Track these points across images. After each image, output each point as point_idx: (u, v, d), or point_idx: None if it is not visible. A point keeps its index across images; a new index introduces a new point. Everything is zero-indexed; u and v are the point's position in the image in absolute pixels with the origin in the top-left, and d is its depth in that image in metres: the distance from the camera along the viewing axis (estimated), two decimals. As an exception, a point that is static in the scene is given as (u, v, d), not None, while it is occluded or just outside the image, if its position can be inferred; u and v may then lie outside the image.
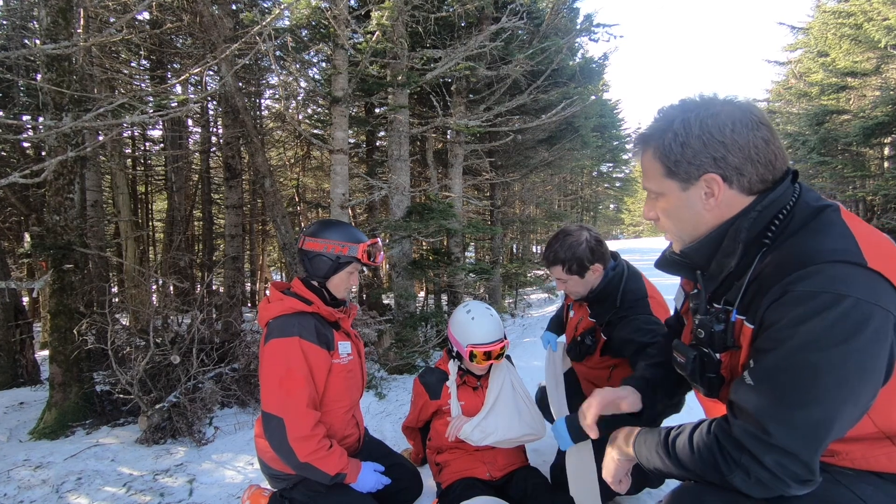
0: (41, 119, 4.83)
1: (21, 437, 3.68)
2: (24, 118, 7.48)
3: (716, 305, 1.03)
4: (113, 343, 3.49)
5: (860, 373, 0.81)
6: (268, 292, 2.19)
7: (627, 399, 1.30)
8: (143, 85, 9.01)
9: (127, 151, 9.89)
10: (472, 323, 1.99)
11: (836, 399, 0.81)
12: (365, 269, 1.87)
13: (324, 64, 6.98)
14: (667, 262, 1.16)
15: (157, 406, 3.37)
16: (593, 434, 1.30)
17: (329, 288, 1.89)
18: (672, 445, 1.01)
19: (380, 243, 1.96)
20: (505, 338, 2.04)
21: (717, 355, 1.01)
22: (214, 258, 10.74)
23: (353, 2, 5.44)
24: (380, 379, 4.28)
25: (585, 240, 1.92)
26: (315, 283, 1.90)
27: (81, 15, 4.06)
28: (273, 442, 1.67)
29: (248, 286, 13.68)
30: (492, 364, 2.04)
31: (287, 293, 1.87)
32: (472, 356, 1.95)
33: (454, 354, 2.10)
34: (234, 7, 6.45)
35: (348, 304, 2.00)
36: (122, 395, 3.49)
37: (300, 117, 9.55)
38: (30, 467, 3.01)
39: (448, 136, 6.44)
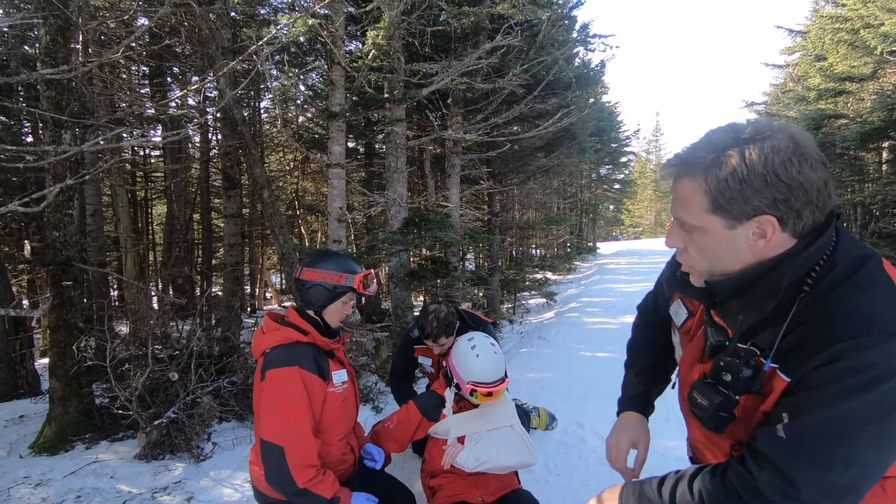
0: (40, 130, 4.86)
1: (21, 452, 3.71)
2: (24, 122, 7.51)
3: (740, 345, 0.97)
4: (112, 360, 3.52)
5: None
6: (262, 322, 2.22)
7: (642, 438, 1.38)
8: (142, 91, 9.05)
9: (126, 155, 9.92)
10: (477, 360, 2.03)
11: (871, 467, 0.83)
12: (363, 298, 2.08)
13: (320, 76, 7.02)
14: (679, 284, 1.07)
15: (156, 422, 3.40)
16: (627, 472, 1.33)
17: (324, 317, 1.93)
18: (671, 496, 0.99)
19: (373, 274, 2.00)
20: (506, 376, 2.08)
21: (737, 397, 0.96)
22: (214, 263, 10.77)
23: (351, 8, 5.47)
24: (377, 391, 4.31)
25: (448, 310, 2.61)
26: (310, 313, 1.93)
27: (80, 33, 4.08)
28: (270, 470, 1.70)
29: (247, 289, 13.71)
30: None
31: (282, 323, 1.91)
32: (472, 393, 1.99)
33: (453, 384, 2.14)
34: (232, 14, 6.48)
35: (341, 332, 2.04)
36: (120, 411, 3.52)
37: (300, 120, 9.59)
38: (30, 485, 3.05)
39: (446, 146, 6.47)
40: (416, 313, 6.71)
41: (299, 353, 1.80)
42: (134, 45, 6.29)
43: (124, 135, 4.63)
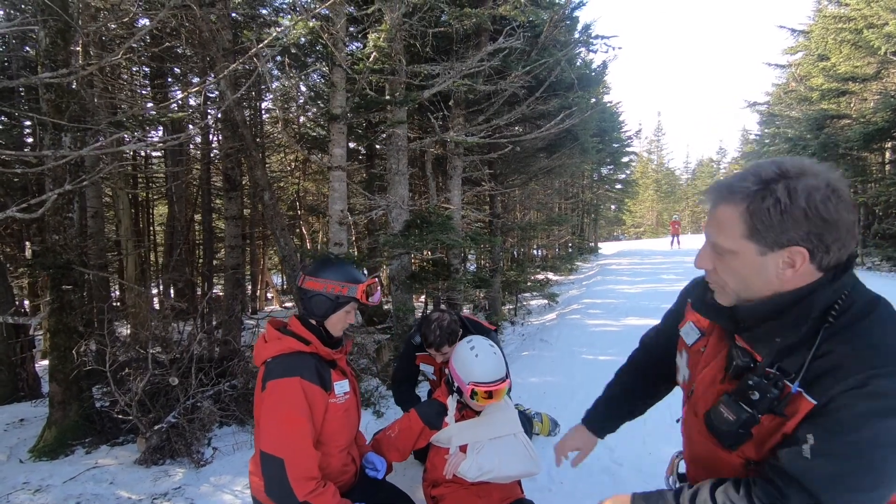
0: (40, 133, 4.85)
1: (21, 456, 3.69)
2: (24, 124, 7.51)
3: (769, 370, 1.03)
4: (112, 364, 3.50)
5: None
6: (263, 330, 2.21)
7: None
8: (143, 92, 9.04)
9: (128, 156, 9.91)
10: (476, 361, 2.01)
11: (891, 487, 0.90)
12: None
13: (321, 77, 6.98)
14: (708, 308, 1.15)
15: (156, 427, 3.39)
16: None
17: (326, 326, 1.91)
18: None
19: (377, 282, 1.98)
20: (507, 377, 2.06)
21: (760, 416, 1.02)
22: (215, 264, 10.75)
23: (351, 9, 5.45)
24: (378, 396, 4.28)
25: (450, 318, 2.58)
26: (313, 322, 1.91)
27: (79, 36, 4.07)
28: (270, 482, 1.68)
29: (248, 289, 13.69)
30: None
31: (284, 332, 1.89)
32: (473, 394, 1.97)
33: (454, 389, 2.12)
34: (234, 15, 6.46)
35: (344, 341, 2.02)
36: (120, 416, 3.50)
37: (300, 121, 9.57)
38: (29, 491, 3.03)
39: (447, 148, 6.45)
40: (419, 315, 6.71)
41: (301, 364, 1.77)
42: (135, 46, 6.28)
43: (125, 136, 4.63)
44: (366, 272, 9.12)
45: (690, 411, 1.21)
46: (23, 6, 5.43)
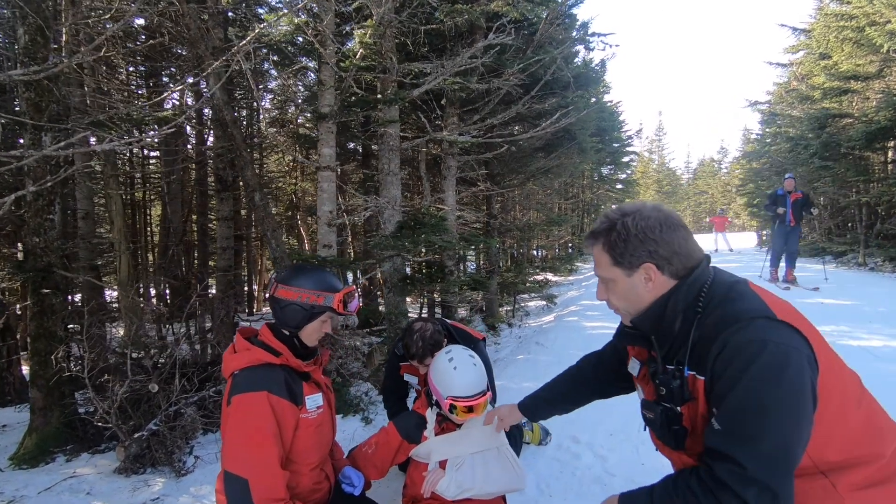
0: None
1: (1, 465, 3.60)
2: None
3: (668, 367, 1.23)
4: (91, 369, 3.41)
5: (795, 400, 1.01)
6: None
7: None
8: (140, 91, 8.96)
9: (125, 155, 9.80)
10: (455, 373, 1.91)
11: (786, 426, 1.00)
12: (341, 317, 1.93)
13: (313, 75, 6.88)
14: (624, 335, 1.39)
15: (136, 435, 3.29)
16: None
17: (301, 337, 1.81)
18: (657, 498, 1.18)
19: (355, 290, 1.87)
20: (488, 389, 1.96)
21: (678, 408, 1.19)
22: (211, 264, 10.65)
23: (348, 7, 5.35)
24: (368, 401, 4.18)
25: (434, 329, 2.48)
26: (285, 332, 1.81)
27: (64, 31, 3.98)
28: (233, 503, 1.58)
29: (245, 289, 13.60)
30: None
31: (254, 342, 1.78)
32: (452, 409, 1.87)
33: (433, 402, 2.01)
34: (230, 14, 6.35)
35: (320, 351, 1.91)
36: (100, 424, 3.41)
37: (300, 120, 9.46)
38: (2, 502, 2.94)
39: (442, 148, 6.34)
40: (413, 314, 6.60)
41: (269, 377, 1.67)
42: (129, 45, 6.19)
43: (123, 136, 4.53)
44: (360, 274, 9.03)
45: (653, 434, 1.37)
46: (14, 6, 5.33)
